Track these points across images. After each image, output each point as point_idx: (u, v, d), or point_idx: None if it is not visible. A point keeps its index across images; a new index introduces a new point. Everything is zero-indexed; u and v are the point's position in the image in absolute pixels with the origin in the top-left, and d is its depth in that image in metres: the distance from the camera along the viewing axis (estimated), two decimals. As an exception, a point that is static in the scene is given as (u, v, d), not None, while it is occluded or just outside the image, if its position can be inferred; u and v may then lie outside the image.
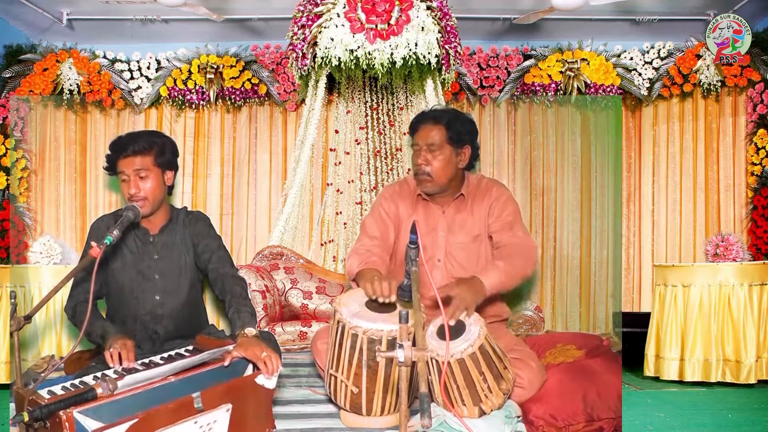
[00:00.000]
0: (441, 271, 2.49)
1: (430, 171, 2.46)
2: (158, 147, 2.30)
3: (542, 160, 4.33)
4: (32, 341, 3.51)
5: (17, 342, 1.78)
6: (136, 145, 2.26)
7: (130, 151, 2.25)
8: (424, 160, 2.46)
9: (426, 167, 2.46)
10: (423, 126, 2.51)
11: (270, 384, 1.94)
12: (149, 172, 2.26)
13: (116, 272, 2.30)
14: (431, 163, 2.46)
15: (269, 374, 1.90)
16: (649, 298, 4.18)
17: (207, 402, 1.78)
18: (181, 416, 1.73)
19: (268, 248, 3.90)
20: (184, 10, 3.51)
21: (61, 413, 1.57)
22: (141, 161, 2.25)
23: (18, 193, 4.01)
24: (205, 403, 1.78)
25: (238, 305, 2.15)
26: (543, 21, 3.90)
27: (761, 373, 3.35)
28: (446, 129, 2.48)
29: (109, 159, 2.30)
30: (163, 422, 1.69)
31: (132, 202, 2.22)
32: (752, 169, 3.96)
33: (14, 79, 4.00)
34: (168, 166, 2.34)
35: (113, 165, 2.29)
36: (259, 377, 1.92)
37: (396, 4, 3.06)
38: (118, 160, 2.27)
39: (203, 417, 1.77)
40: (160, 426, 1.68)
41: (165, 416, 1.69)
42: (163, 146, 2.33)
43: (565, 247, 4.31)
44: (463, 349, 1.93)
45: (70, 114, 4.22)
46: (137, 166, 2.24)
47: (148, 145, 2.28)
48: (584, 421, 2.11)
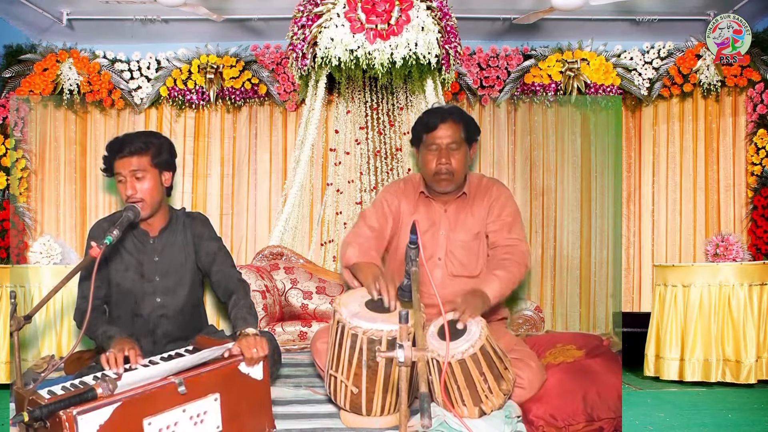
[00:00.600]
0: (441, 270, 2.49)
1: (453, 170, 2.44)
2: (155, 147, 2.28)
3: (542, 160, 4.33)
4: (32, 341, 3.51)
5: (17, 342, 1.78)
6: (132, 145, 2.23)
7: (126, 152, 2.22)
8: (447, 160, 2.43)
9: (449, 167, 2.43)
10: (443, 125, 2.46)
11: (257, 374, 1.95)
12: (146, 172, 2.24)
13: (117, 274, 2.29)
14: (452, 162, 2.44)
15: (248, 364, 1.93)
16: (649, 298, 4.17)
17: (192, 389, 1.79)
18: (168, 403, 1.74)
19: (268, 248, 3.90)
20: (184, 10, 3.51)
21: (61, 413, 1.57)
22: (137, 162, 2.23)
23: (18, 193, 4.01)
24: (189, 388, 1.78)
25: (240, 306, 2.16)
26: (543, 21, 3.90)
27: (761, 373, 3.35)
28: (464, 128, 2.49)
29: (106, 160, 2.28)
30: (149, 409, 1.71)
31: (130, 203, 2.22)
32: (752, 169, 3.96)
33: (14, 79, 4.00)
34: (165, 166, 2.31)
35: (110, 166, 2.27)
36: (242, 364, 1.93)
37: (396, 4, 3.06)
38: (115, 160, 2.24)
39: (191, 405, 1.78)
40: (148, 413, 1.70)
41: (150, 402, 1.71)
42: (160, 146, 2.30)
43: (565, 247, 4.31)
44: (464, 349, 1.93)
45: (70, 114, 4.22)
46: (133, 167, 2.22)
47: (145, 145, 2.25)
48: (584, 421, 2.11)
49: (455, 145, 2.45)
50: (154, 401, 1.72)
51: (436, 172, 2.46)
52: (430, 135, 2.48)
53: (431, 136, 2.48)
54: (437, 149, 2.46)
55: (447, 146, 2.45)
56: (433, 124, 2.48)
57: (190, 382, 1.79)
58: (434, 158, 2.46)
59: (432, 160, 2.47)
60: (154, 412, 1.71)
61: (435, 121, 2.48)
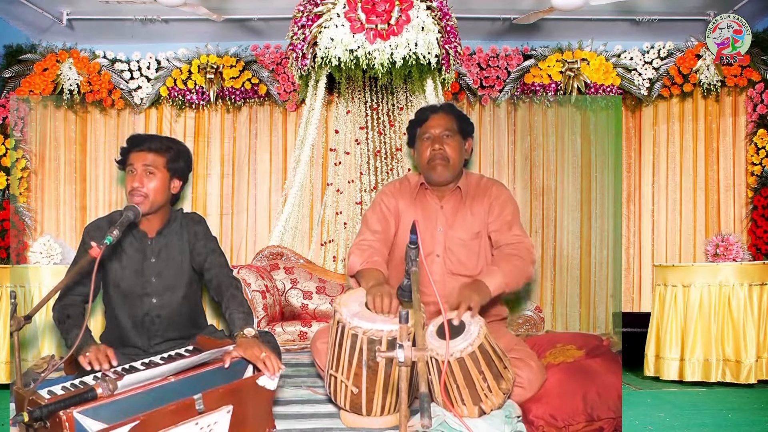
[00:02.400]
0: (440, 267, 2.49)
1: (447, 156, 2.46)
2: (174, 152, 2.32)
3: (542, 160, 4.33)
4: (32, 341, 3.50)
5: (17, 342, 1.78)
6: (152, 143, 2.29)
7: (145, 146, 2.27)
8: (441, 146, 2.47)
9: (442, 152, 2.46)
10: (434, 115, 2.53)
11: (271, 385, 1.95)
12: (157, 171, 2.26)
13: (114, 275, 2.29)
14: (446, 148, 2.47)
15: (271, 374, 1.91)
16: (649, 298, 4.18)
17: (208, 403, 1.79)
18: (183, 417, 1.73)
19: (268, 248, 3.90)
20: (184, 10, 3.51)
21: (61, 413, 1.57)
22: (153, 158, 2.26)
23: (18, 193, 4.01)
24: (206, 404, 1.78)
25: (234, 306, 2.15)
26: (543, 21, 3.90)
27: (761, 373, 3.35)
28: (456, 119, 2.54)
29: (123, 151, 2.32)
30: (164, 423, 1.70)
31: (131, 198, 2.22)
32: (752, 169, 3.96)
33: (14, 79, 4.00)
34: (178, 173, 2.34)
35: (125, 158, 2.30)
36: (261, 378, 1.92)
37: (396, 4, 3.06)
38: (132, 152, 2.28)
39: (204, 418, 1.77)
40: (162, 427, 1.69)
41: (166, 418, 1.70)
42: (179, 153, 2.34)
43: (565, 247, 4.31)
44: (463, 348, 1.93)
45: (70, 114, 4.22)
46: (147, 162, 2.25)
47: (165, 146, 2.31)
48: (584, 421, 2.11)
49: (449, 133, 2.50)
50: (171, 416, 1.71)
51: (430, 158, 2.48)
52: (423, 126, 2.54)
53: (424, 126, 2.54)
54: (430, 138, 2.50)
55: (440, 134, 2.50)
56: (425, 116, 2.55)
57: (207, 397, 1.79)
58: (428, 146, 2.50)
59: (426, 149, 2.51)
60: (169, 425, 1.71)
61: (426, 114, 2.56)
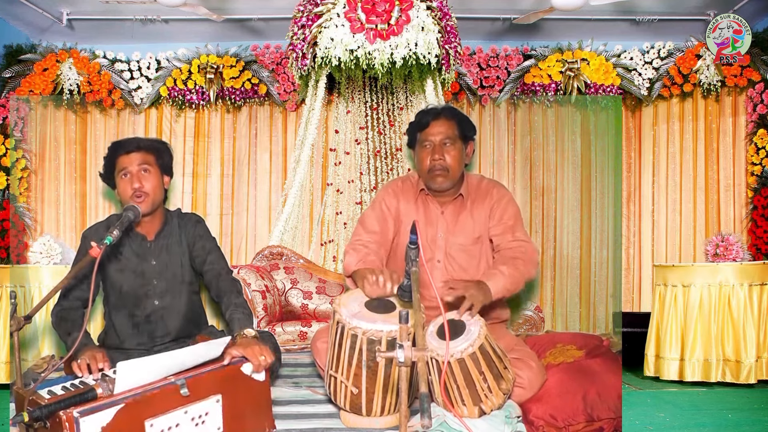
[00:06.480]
0: (441, 272, 2.48)
1: (447, 166, 2.44)
2: (159, 150, 2.35)
3: (542, 160, 4.33)
4: (32, 341, 3.50)
5: (17, 342, 1.78)
6: (140, 143, 2.30)
7: (133, 147, 2.27)
8: (441, 155, 2.44)
9: (443, 162, 2.43)
10: (435, 121, 2.48)
11: (259, 376, 1.95)
12: (152, 168, 2.28)
13: (114, 278, 2.29)
14: (446, 158, 2.44)
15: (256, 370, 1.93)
16: (649, 298, 4.18)
17: (194, 390, 1.79)
18: (170, 405, 1.74)
19: (268, 248, 3.90)
20: (184, 10, 3.51)
21: (61, 413, 1.57)
22: (144, 158, 2.28)
23: (18, 193, 4.01)
24: (191, 390, 1.78)
25: (234, 306, 2.15)
26: (543, 21, 3.90)
27: (761, 373, 3.35)
28: (457, 125, 2.49)
29: (108, 159, 2.30)
30: (151, 410, 1.70)
31: (132, 200, 2.21)
32: (752, 169, 3.96)
33: (14, 79, 4.00)
34: (166, 170, 2.38)
35: (112, 164, 2.28)
36: (245, 366, 1.93)
37: (396, 4, 3.06)
38: (119, 157, 2.27)
39: (193, 407, 1.78)
40: (149, 415, 1.70)
41: (152, 404, 1.71)
42: (163, 150, 2.37)
43: (565, 247, 4.31)
44: (463, 348, 1.93)
45: (70, 114, 4.22)
46: (141, 162, 2.26)
47: (152, 145, 2.33)
48: (584, 421, 2.11)
49: (449, 141, 2.46)
50: (156, 402, 1.71)
51: (430, 168, 2.46)
52: (423, 132, 2.50)
53: (424, 133, 2.50)
54: (431, 146, 2.47)
55: (440, 142, 2.45)
56: (426, 122, 2.50)
57: (192, 383, 1.79)
58: (428, 155, 2.47)
59: (426, 158, 2.47)
60: (156, 413, 1.71)
61: (427, 119, 2.50)
